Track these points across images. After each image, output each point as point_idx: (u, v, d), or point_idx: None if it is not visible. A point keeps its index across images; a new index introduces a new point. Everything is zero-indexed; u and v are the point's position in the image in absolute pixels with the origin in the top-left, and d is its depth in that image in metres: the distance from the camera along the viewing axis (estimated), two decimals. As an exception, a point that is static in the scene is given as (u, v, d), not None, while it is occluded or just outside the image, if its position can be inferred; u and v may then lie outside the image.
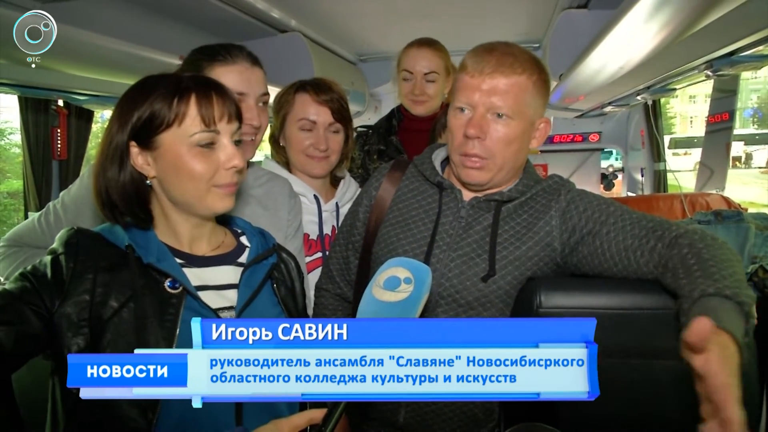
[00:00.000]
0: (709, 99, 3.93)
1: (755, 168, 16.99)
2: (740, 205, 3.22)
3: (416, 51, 2.24)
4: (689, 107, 25.63)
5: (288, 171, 1.82)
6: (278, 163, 1.85)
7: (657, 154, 4.48)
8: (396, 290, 0.83)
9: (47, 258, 1.00)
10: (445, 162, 1.47)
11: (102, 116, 3.44)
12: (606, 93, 3.22)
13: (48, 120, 2.70)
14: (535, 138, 1.35)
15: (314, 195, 1.79)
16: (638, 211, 1.27)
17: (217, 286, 1.10)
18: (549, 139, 5.37)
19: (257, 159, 1.82)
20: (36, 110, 2.63)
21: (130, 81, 1.09)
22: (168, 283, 1.03)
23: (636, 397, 1.15)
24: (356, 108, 3.91)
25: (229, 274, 1.13)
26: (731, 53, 2.01)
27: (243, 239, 1.22)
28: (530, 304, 1.21)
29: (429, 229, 1.36)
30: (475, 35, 2.85)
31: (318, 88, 1.75)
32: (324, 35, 3.24)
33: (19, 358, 0.93)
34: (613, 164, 6.01)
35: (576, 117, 4.81)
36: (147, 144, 1.04)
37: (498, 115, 1.26)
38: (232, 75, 1.45)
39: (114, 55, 2.00)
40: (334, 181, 1.91)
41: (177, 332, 1.00)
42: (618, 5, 1.93)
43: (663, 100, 4.89)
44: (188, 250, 1.11)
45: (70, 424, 0.97)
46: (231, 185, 1.07)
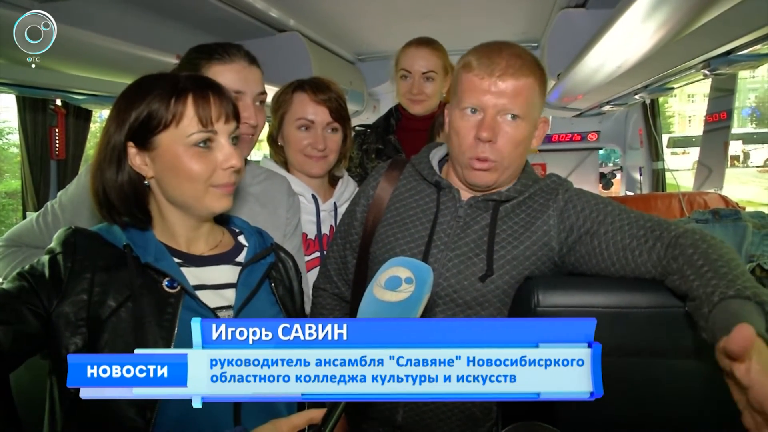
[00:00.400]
0: (707, 98, 3.93)
1: (753, 167, 17.01)
2: (738, 204, 3.22)
3: (414, 50, 2.24)
4: (688, 106, 25.64)
5: (286, 170, 1.82)
6: (276, 163, 1.85)
7: (655, 153, 4.48)
8: (397, 290, 0.83)
9: (45, 258, 1.00)
10: (443, 161, 1.47)
11: (101, 116, 3.42)
12: (604, 92, 3.22)
13: (46, 119, 2.69)
14: (536, 137, 1.35)
15: (312, 194, 1.79)
16: (636, 211, 1.26)
17: (215, 286, 1.10)
18: (547, 138, 5.36)
19: (256, 159, 1.82)
20: (34, 110, 2.62)
21: (128, 80, 1.09)
22: (166, 283, 1.03)
23: (633, 396, 1.15)
24: (355, 107, 3.91)
25: (227, 274, 1.13)
26: (728, 52, 2.01)
27: (241, 238, 1.22)
28: (528, 303, 1.21)
29: (427, 229, 1.36)
30: (474, 35, 2.84)
31: (316, 88, 1.75)
32: (322, 35, 3.24)
33: (17, 358, 0.93)
34: (610, 164, 6.00)
35: (574, 116, 4.80)
36: (144, 144, 1.04)
37: (511, 117, 1.26)
38: (230, 73, 1.45)
39: (112, 55, 1.99)
40: (333, 181, 1.91)
41: (175, 332, 1.00)
42: (616, 4, 1.93)
43: (661, 100, 4.90)
44: (186, 250, 1.11)
45: (68, 424, 0.97)
46: (229, 185, 1.07)
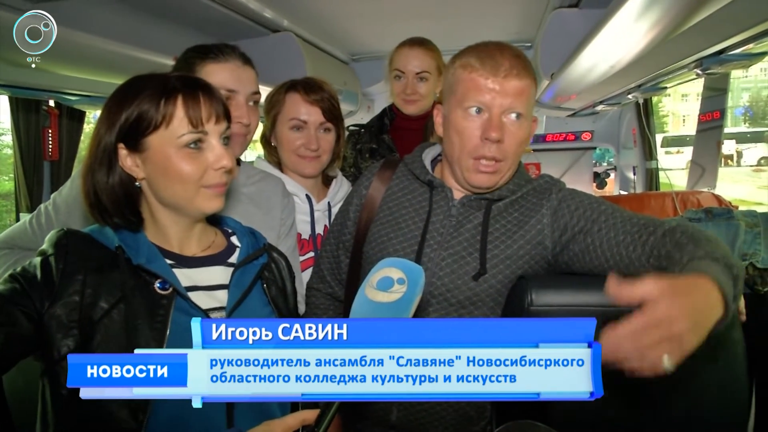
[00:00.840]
0: (701, 97, 3.94)
1: (746, 166, 17.10)
2: (731, 203, 3.23)
3: (408, 50, 2.24)
4: (681, 106, 25.71)
5: (280, 171, 1.82)
6: (270, 163, 1.85)
7: (649, 153, 4.50)
8: (389, 291, 0.83)
9: (37, 259, 1.00)
10: (435, 161, 1.48)
11: (94, 116, 3.41)
12: (597, 92, 3.23)
13: (39, 120, 2.68)
14: (528, 136, 1.36)
15: (306, 194, 1.79)
16: (629, 211, 1.27)
17: (208, 287, 1.10)
18: (542, 138, 5.38)
19: (249, 159, 1.82)
20: (27, 111, 2.61)
21: (121, 81, 1.08)
22: (158, 285, 1.03)
23: (625, 394, 1.16)
24: (349, 107, 3.91)
25: (220, 275, 1.13)
26: (720, 52, 2.02)
27: (233, 239, 1.22)
28: (521, 303, 1.22)
29: (419, 228, 1.36)
30: (467, 35, 2.84)
31: (308, 88, 1.75)
32: (316, 35, 3.23)
33: (9, 360, 0.93)
34: (604, 163, 6.02)
35: (568, 116, 4.82)
36: (135, 146, 1.03)
37: (515, 117, 1.26)
38: (224, 72, 1.46)
39: (104, 55, 1.99)
40: (326, 181, 1.91)
41: (167, 333, 0.99)
42: (608, 4, 1.94)
43: (655, 99, 4.90)
44: (178, 251, 1.11)
45: (60, 426, 0.97)
46: (220, 185, 1.07)
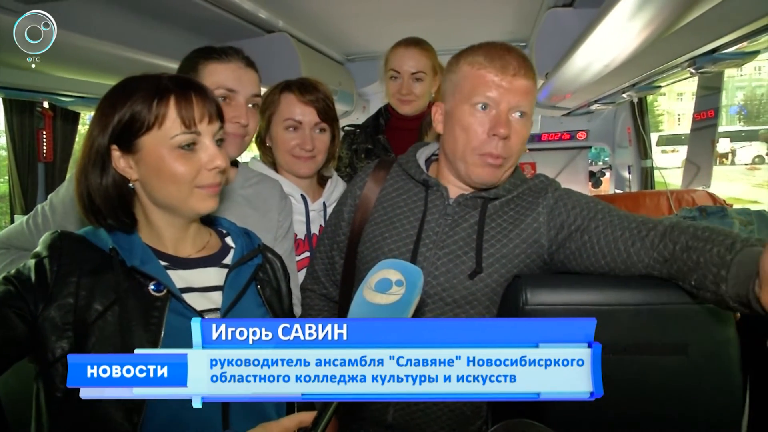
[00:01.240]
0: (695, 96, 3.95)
1: (740, 164, 17.17)
2: (725, 201, 3.24)
3: (403, 50, 2.24)
4: (677, 105, 25.80)
5: (275, 171, 1.82)
6: (265, 164, 1.85)
7: (644, 152, 4.50)
8: (387, 292, 0.83)
9: (31, 261, 0.99)
10: (430, 160, 1.48)
11: (89, 118, 3.40)
12: (592, 91, 3.23)
13: (33, 122, 2.68)
14: (528, 135, 1.36)
15: (301, 195, 1.79)
16: (625, 211, 1.28)
17: (202, 288, 1.10)
18: (537, 138, 5.38)
19: (244, 160, 1.82)
20: (21, 112, 2.60)
21: (114, 82, 1.08)
22: (152, 287, 1.03)
23: (621, 393, 1.16)
24: (344, 108, 3.90)
25: (214, 276, 1.13)
26: (713, 50, 2.02)
27: (228, 240, 1.21)
28: (516, 302, 1.22)
29: (415, 228, 1.36)
30: (462, 35, 2.86)
31: (303, 88, 1.75)
32: (311, 35, 3.23)
33: (4, 362, 0.93)
34: (600, 163, 6.02)
35: (563, 115, 4.82)
36: (128, 147, 1.03)
37: (520, 115, 1.27)
38: (226, 72, 1.48)
39: (98, 56, 1.98)
40: (322, 181, 1.91)
41: (162, 335, 0.99)
42: (602, 3, 1.94)
43: (650, 98, 4.91)
44: (172, 252, 1.10)
45: (55, 428, 0.96)
46: (214, 186, 1.07)
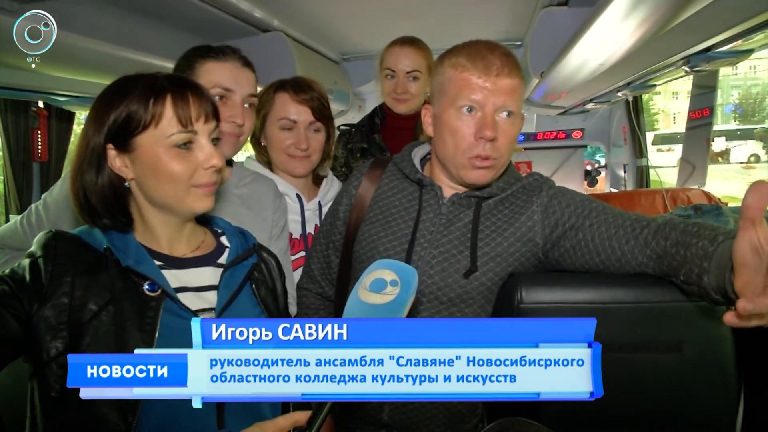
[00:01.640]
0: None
1: (735, 163, 17.23)
2: (720, 200, 3.26)
3: (399, 49, 2.24)
4: (672, 103, 25.86)
5: (270, 171, 1.81)
6: (260, 163, 1.84)
7: (639, 150, 4.52)
8: (382, 292, 0.83)
9: (25, 261, 0.99)
10: (425, 159, 1.48)
11: (84, 117, 3.39)
12: (587, 90, 3.24)
13: (28, 122, 2.67)
14: (518, 133, 1.36)
15: (297, 194, 1.79)
16: (619, 209, 1.29)
17: (197, 288, 1.10)
18: (533, 136, 5.40)
19: (239, 160, 1.82)
20: (15, 112, 2.60)
21: (109, 81, 1.07)
22: (147, 286, 1.02)
23: (617, 392, 1.16)
24: (340, 107, 3.90)
25: (209, 276, 1.12)
26: (707, 49, 2.03)
27: (223, 239, 1.21)
28: (511, 300, 1.22)
29: (410, 227, 1.36)
30: (457, 34, 2.84)
31: (297, 88, 1.75)
32: (307, 35, 3.22)
33: None
34: (596, 161, 6.03)
35: (559, 114, 4.83)
36: (124, 146, 1.03)
37: (507, 114, 1.27)
38: (222, 71, 1.47)
39: (93, 56, 1.98)
40: (317, 180, 1.91)
41: (156, 335, 0.99)
42: (597, 2, 1.94)
43: (646, 97, 4.93)
44: (167, 252, 1.10)
45: (49, 428, 0.96)
46: (210, 185, 1.07)
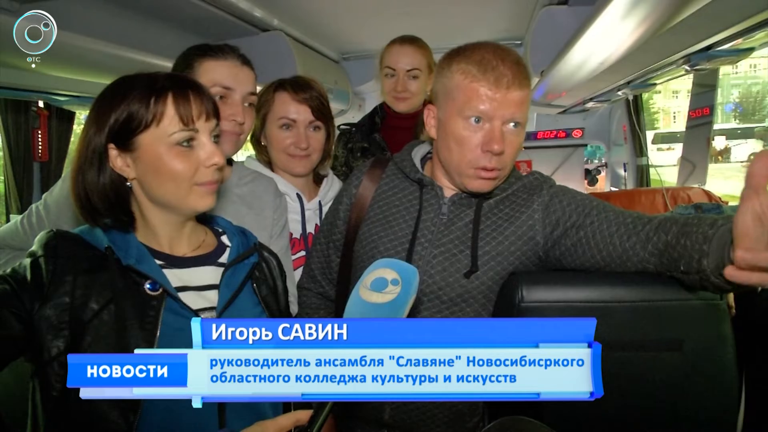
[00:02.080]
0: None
1: (736, 162, 17.21)
2: (721, 198, 3.26)
3: (399, 48, 2.24)
4: (672, 102, 25.87)
5: (270, 170, 1.81)
6: (261, 163, 1.84)
7: (639, 149, 4.52)
8: (383, 291, 0.83)
9: (27, 261, 0.99)
10: (425, 158, 1.48)
11: (84, 117, 3.39)
12: (587, 88, 3.23)
13: (28, 122, 2.67)
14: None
15: (297, 193, 1.79)
16: (619, 207, 1.28)
17: (198, 287, 1.10)
18: (533, 136, 5.39)
19: (239, 159, 1.82)
20: (16, 112, 2.60)
21: (109, 80, 1.08)
22: (148, 286, 1.02)
23: (618, 390, 1.16)
24: (340, 106, 3.90)
25: (210, 275, 1.13)
26: (708, 48, 2.03)
27: (224, 238, 1.21)
28: (512, 299, 1.22)
29: (410, 227, 1.36)
30: (457, 32, 2.86)
31: (297, 87, 1.75)
32: (307, 34, 3.22)
33: (0, 361, 0.92)
34: (596, 160, 6.03)
35: (559, 113, 4.83)
36: (126, 145, 1.03)
37: (514, 125, 1.26)
38: (222, 69, 1.47)
39: (93, 55, 1.97)
40: (317, 179, 1.90)
41: (157, 334, 0.99)
42: (597, 1, 1.94)
43: (646, 96, 4.92)
44: (168, 251, 1.10)
45: (51, 427, 0.96)
46: (212, 183, 1.07)
